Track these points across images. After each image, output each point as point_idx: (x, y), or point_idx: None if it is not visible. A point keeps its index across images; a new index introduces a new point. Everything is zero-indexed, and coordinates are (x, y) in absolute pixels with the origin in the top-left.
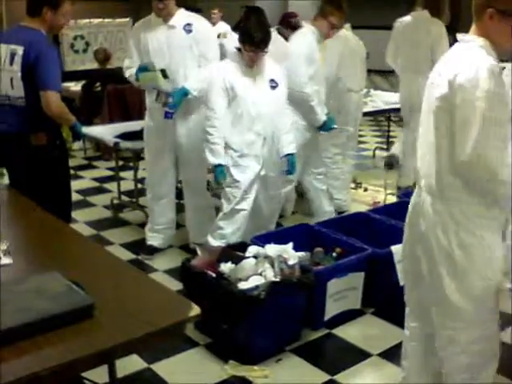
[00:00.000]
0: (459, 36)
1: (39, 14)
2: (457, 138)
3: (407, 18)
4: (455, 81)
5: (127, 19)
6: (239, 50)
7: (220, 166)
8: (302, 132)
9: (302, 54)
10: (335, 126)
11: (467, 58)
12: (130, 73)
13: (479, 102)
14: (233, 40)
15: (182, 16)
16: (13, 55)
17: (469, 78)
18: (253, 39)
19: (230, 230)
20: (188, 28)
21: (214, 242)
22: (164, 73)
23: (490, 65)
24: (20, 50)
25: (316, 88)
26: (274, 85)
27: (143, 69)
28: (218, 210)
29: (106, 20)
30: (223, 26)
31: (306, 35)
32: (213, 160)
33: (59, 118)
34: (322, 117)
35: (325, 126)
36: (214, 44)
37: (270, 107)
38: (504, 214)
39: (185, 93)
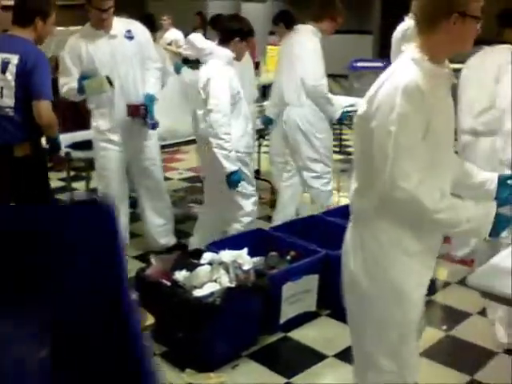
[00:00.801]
0: (402, 47)
1: (30, 24)
2: (375, 164)
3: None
4: (374, 100)
5: (79, 27)
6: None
7: (237, 171)
8: (328, 127)
9: (314, 50)
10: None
11: (391, 76)
12: (67, 88)
13: (392, 127)
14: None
15: (119, 24)
16: (6, 64)
17: (385, 99)
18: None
19: (252, 225)
20: (129, 35)
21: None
22: (109, 79)
23: (411, 84)
24: (14, 59)
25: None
26: None
27: (85, 77)
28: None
29: (59, 28)
30: (174, 33)
31: (311, 35)
32: (230, 166)
33: (48, 126)
34: (338, 108)
35: (343, 117)
36: (152, 43)
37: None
38: (433, 243)
39: (152, 100)
